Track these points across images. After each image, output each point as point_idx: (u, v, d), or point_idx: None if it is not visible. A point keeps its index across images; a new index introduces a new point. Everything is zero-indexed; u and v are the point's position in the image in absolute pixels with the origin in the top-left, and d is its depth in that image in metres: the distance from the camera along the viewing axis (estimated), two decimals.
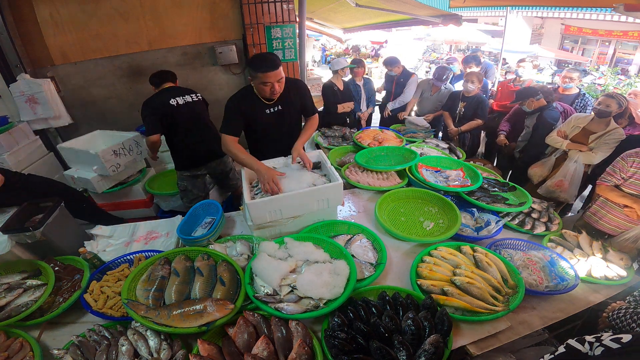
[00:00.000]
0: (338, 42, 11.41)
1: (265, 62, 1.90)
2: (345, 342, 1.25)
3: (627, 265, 1.78)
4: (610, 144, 2.52)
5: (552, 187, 2.70)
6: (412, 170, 2.46)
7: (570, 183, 2.65)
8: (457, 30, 11.72)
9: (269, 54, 2.02)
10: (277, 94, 2.03)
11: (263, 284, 1.51)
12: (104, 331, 1.38)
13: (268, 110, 2.14)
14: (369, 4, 4.88)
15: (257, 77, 1.93)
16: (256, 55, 2.05)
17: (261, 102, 2.10)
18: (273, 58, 1.92)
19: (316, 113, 2.34)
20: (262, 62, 1.91)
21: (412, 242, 1.92)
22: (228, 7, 3.49)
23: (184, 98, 2.64)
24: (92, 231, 2.06)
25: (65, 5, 3.18)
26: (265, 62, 1.90)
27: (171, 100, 2.57)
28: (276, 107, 2.15)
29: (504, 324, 1.44)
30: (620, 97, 2.57)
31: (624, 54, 13.10)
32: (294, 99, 2.20)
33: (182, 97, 2.63)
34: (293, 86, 2.19)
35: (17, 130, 3.04)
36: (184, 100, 2.64)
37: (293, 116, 2.26)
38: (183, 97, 2.64)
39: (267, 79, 1.92)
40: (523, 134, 3.28)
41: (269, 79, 1.92)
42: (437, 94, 4.23)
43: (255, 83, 2.00)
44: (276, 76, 1.93)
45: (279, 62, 1.92)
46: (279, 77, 1.94)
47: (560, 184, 2.66)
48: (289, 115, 2.22)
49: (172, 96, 2.59)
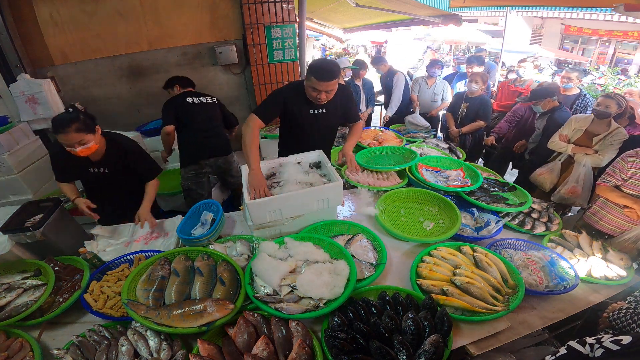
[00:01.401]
0: (338, 42, 11.40)
1: (323, 70, 1.90)
2: (345, 342, 1.25)
3: (627, 265, 1.78)
4: (615, 145, 2.50)
5: (566, 195, 2.65)
6: (412, 170, 2.45)
7: (582, 187, 2.62)
8: (457, 30, 11.70)
9: (332, 63, 2.01)
10: (322, 102, 2.03)
11: (263, 284, 1.51)
12: (104, 331, 1.38)
13: (312, 111, 2.15)
14: (369, 4, 4.88)
15: (311, 80, 1.94)
16: (320, 59, 2.08)
17: (308, 101, 2.10)
18: (333, 69, 1.91)
19: (360, 120, 2.36)
20: (320, 69, 1.90)
21: (412, 242, 1.92)
22: (228, 7, 3.49)
23: (200, 99, 2.87)
24: (92, 231, 2.06)
25: (65, 5, 3.18)
26: (323, 70, 1.90)
27: (188, 99, 2.81)
28: (321, 110, 2.16)
29: (504, 324, 1.44)
30: (619, 97, 2.56)
31: (624, 54, 13.10)
32: (339, 104, 2.20)
33: (198, 97, 2.86)
34: (340, 91, 2.17)
35: (17, 130, 3.03)
36: (199, 100, 2.86)
37: (334, 120, 2.29)
38: (199, 98, 2.87)
39: (319, 86, 1.93)
40: (534, 135, 3.25)
41: (320, 87, 1.93)
42: (433, 86, 4.24)
43: (307, 84, 2.00)
44: (328, 87, 1.93)
45: (336, 75, 1.92)
46: (330, 88, 1.95)
47: (574, 191, 2.61)
48: (331, 118, 2.24)
49: (189, 96, 2.84)
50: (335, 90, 2.02)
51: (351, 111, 2.29)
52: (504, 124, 3.55)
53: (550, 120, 3.04)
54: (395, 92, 4.23)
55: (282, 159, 2.16)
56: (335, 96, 2.11)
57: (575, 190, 2.60)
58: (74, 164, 2.00)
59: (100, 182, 2.14)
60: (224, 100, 4.02)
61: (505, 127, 3.54)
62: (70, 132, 1.75)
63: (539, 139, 3.17)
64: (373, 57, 4.71)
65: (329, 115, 2.20)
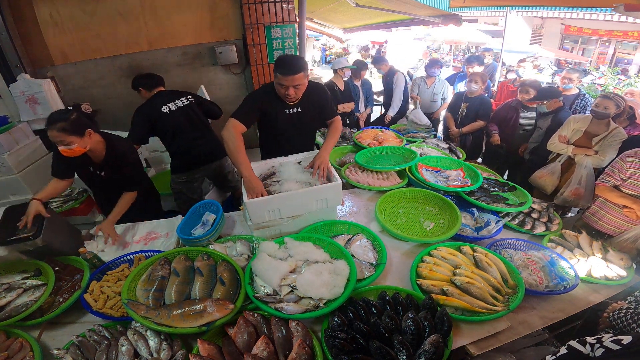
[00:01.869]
0: (338, 42, 11.41)
1: (286, 64, 1.89)
2: (345, 342, 1.25)
3: (627, 265, 1.78)
4: (615, 145, 2.49)
5: (570, 197, 2.62)
6: (412, 170, 2.45)
7: (585, 189, 2.59)
8: (457, 30, 11.71)
9: (296, 57, 2.00)
10: (291, 98, 2.01)
11: (263, 284, 1.51)
12: (104, 331, 1.38)
13: (287, 111, 2.13)
14: (369, 4, 4.88)
15: (277, 76, 1.93)
16: (283, 55, 2.07)
17: (282, 101, 2.09)
18: (295, 63, 1.90)
19: (337, 115, 2.31)
20: (283, 64, 1.90)
21: (412, 242, 1.92)
22: (228, 7, 3.50)
23: (176, 103, 2.61)
24: (92, 231, 2.06)
25: (65, 5, 3.19)
26: (285, 64, 1.89)
27: (163, 108, 2.54)
28: (296, 109, 2.14)
29: (504, 324, 1.44)
30: (618, 97, 2.55)
31: (624, 54, 13.10)
32: (315, 103, 2.18)
33: (173, 102, 2.60)
34: (314, 90, 2.17)
35: (17, 130, 3.03)
36: (175, 106, 2.60)
37: (312, 119, 2.25)
38: (174, 103, 2.60)
39: (283, 81, 1.91)
40: (535, 135, 3.23)
41: (285, 82, 1.91)
42: (432, 86, 4.24)
43: (275, 82, 1.99)
44: (293, 81, 1.91)
45: (300, 68, 1.89)
46: (296, 82, 1.92)
47: (577, 192, 2.58)
48: (308, 117, 2.20)
49: (164, 102, 2.56)
50: (303, 85, 1.98)
51: (326, 108, 2.24)
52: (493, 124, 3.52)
53: (555, 120, 3.02)
54: (396, 92, 4.23)
55: (282, 159, 2.16)
56: (309, 95, 2.11)
57: (579, 191, 2.59)
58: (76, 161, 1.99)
59: (99, 184, 2.15)
60: (224, 100, 4.03)
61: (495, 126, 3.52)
62: (53, 130, 1.76)
63: (541, 139, 3.14)
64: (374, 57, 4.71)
65: (305, 114, 2.17)
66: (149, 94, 2.66)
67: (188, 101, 2.69)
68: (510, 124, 3.39)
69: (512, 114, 3.37)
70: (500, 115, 3.47)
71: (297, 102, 2.11)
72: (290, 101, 2.06)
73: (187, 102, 2.68)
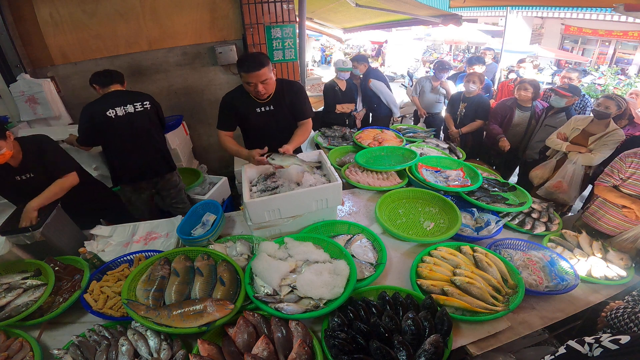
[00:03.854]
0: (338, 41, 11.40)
1: (248, 62, 1.90)
2: (345, 342, 1.25)
3: (627, 265, 1.78)
4: (609, 145, 2.51)
5: (550, 189, 2.69)
6: (412, 170, 2.46)
7: (569, 184, 2.63)
8: (457, 30, 11.71)
9: (256, 54, 2.01)
10: (261, 94, 2.02)
11: (263, 284, 1.51)
12: (104, 331, 1.38)
13: (259, 109, 2.15)
14: (369, 4, 4.88)
15: (242, 75, 1.95)
16: (244, 54, 2.08)
17: (253, 100, 2.10)
18: (257, 59, 1.90)
19: (309, 118, 2.26)
20: (244, 62, 1.91)
21: (412, 242, 1.92)
22: (228, 7, 3.49)
23: (125, 108, 2.36)
24: (92, 231, 2.06)
25: (65, 5, 3.18)
26: (247, 61, 1.90)
27: (109, 112, 2.31)
28: (268, 107, 2.15)
29: (504, 324, 1.44)
30: (620, 98, 2.56)
31: (624, 54, 13.09)
32: (287, 100, 2.16)
33: (123, 107, 2.35)
34: (287, 87, 2.16)
35: (17, 130, 3.03)
36: (124, 111, 2.36)
37: (285, 117, 2.21)
38: (124, 107, 2.36)
39: (249, 79, 1.92)
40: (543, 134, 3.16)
41: (251, 79, 1.92)
42: (437, 87, 4.24)
43: (242, 82, 2.02)
44: (258, 77, 1.91)
45: (263, 64, 1.89)
46: (262, 78, 1.92)
47: (559, 185, 2.64)
48: (280, 115, 2.18)
49: (112, 106, 2.33)
50: (271, 79, 1.99)
51: (297, 107, 2.18)
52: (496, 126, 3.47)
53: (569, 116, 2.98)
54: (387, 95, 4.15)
55: None
56: (281, 91, 2.12)
57: (561, 185, 2.61)
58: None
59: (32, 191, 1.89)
60: None
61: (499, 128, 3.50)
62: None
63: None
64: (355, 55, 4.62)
65: (278, 112, 2.16)
66: (102, 92, 2.41)
67: (142, 107, 2.44)
68: (504, 122, 3.38)
69: (507, 112, 3.36)
70: (496, 113, 3.47)
71: (269, 100, 2.11)
72: (262, 97, 2.07)
73: (140, 108, 2.43)
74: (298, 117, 2.24)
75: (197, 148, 4.31)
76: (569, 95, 2.96)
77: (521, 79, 3.62)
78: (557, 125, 2.99)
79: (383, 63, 14.54)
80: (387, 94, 4.12)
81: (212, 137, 4.34)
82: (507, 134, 3.35)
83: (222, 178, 3.44)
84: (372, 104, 4.23)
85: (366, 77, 4.14)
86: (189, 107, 3.98)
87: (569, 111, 3.04)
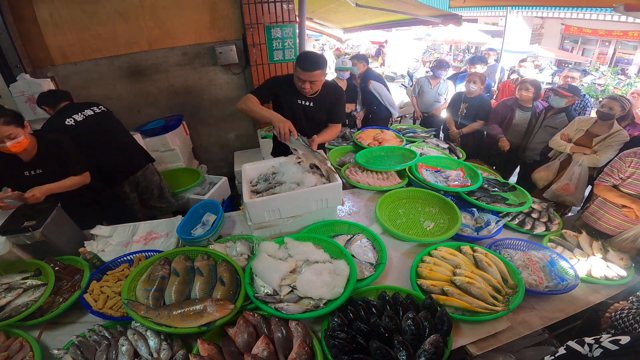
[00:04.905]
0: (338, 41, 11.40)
1: (307, 60, 2.00)
2: (345, 342, 1.25)
3: (627, 265, 1.78)
4: (614, 146, 2.50)
5: (557, 191, 2.65)
6: (412, 170, 2.46)
7: (576, 186, 2.60)
8: (457, 30, 11.72)
9: (318, 55, 2.09)
10: (307, 91, 2.12)
11: (263, 284, 1.51)
12: (104, 331, 1.38)
13: (300, 102, 2.23)
14: (369, 4, 4.88)
15: (297, 70, 2.05)
16: (306, 51, 2.18)
17: (297, 92, 2.19)
18: (316, 60, 2.00)
19: (340, 123, 2.40)
20: (304, 60, 2.00)
21: (412, 242, 1.92)
22: (228, 7, 3.50)
23: (83, 113, 2.37)
24: (92, 231, 2.06)
25: (65, 5, 3.19)
26: (306, 60, 2.00)
27: (67, 121, 2.29)
28: (308, 102, 2.24)
29: (504, 324, 1.44)
30: (624, 99, 2.55)
31: (624, 54, 13.10)
32: (327, 101, 2.27)
33: (80, 113, 2.36)
34: (332, 91, 2.28)
35: None
36: (83, 116, 2.36)
37: (320, 116, 2.32)
38: (82, 113, 2.37)
39: (302, 75, 2.03)
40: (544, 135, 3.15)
41: (304, 77, 2.03)
42: (437, 86, 4.24)
43: (295, 75, 2.10)
44: (311, 77, 2.02)
45: (319, 66, 2.00)
46: (313, 79, 2.03)
47: (567, 188, 2.61)
48: (316, 113, 2.28)
49: (67, 115, 2.31)
50: (320, 82, 2.11)
51: (335, 111, 2.33)
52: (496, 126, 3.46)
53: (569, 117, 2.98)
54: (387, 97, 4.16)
55: (282, 159, 2.16)
56: (324, 93, 2.23)
57: (568, 187, 2.60)
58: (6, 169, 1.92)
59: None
60: (224, 100, 4.04)
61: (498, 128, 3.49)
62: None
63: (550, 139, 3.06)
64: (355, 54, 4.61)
65: (316, 109, 2.26)
66: (53, 111, 2.42)
67: (100, 109, 2.52)
68: (504, 121, 3.38)
69: (507, 112, 3.36)
70: (497, 113, 3.46)
71: (312, 97, 2.22)
72: (305, 94, 2.16)
73: (98, 110, 2.50)
74: (332, 119, 2.36)
75: (197, 148, 4.32)
76: (569, 95, 2.94)
77: (522, 79, 3.62)
78: (557, 125, 2.98)
79: (383, 63, 14.53)
80: (386, 95, 4.13)
81: (212, 137, 4.35)
82: (508, 134, 3.34)
83: (222, 178, 3.44)
84: (372, 105, 4.24)
85: (366, 79, 4.15)
86: (189, 107, 3.99)
87: (569, 112, 3.03)
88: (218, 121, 4.23)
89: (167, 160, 3.69)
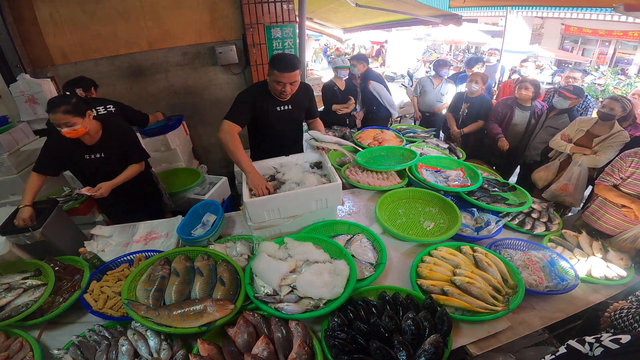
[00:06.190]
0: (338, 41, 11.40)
1: (283, 62, 1.96)
2: (345, 342, 1.25)
3: (627, 265, 1.78)
4: (614, 147, 2.49)
5: (557, 191, 2.65)
6: (412, 170, 2.46)
7: (575, 187, 2.60)
8: (457, 30, 11.71)
9: (291, 55, 2.06)
10: (287, 95, 2.09)
11: (263, 284, 1.51)
12: (104, 331, 1.38)
13: (279, 108, 2.20)
14: (369, 4, 4.88)
15: (273, 74, 1.99)
16: (279, 53, 2.12)
17: (274, 98, 2.16)
18: (293, 61, 1.97)
19: (317, 116, 2.46)
20: (280, 62, 1.96)
21: (412, 242, 1.92)
22: (228, 7, 3.49)
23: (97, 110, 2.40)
24: (92, 231, 2.06)
25: (65, 5, 3.18)
26: (283, 62, 1.96)
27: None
28: (287, 106, 2.22)
29: (504, 324, 1.44)
30: (625, 100, 2.54)
31: (624, 54, 13.09)
32: (303, 101, 2.29)
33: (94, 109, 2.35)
34: (303, 89, 2.26)
35: (17, 130, 3.03)
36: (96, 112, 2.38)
37: (300, 117, 2.36)
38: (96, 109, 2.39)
39: (281, 78, 1.98)
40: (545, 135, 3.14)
41: (283, 79, 1.98)
42: (439, 86, 4.24)
43: (270, 79, 2.05)
44: (290, 78, 1.98)
45: (297, 66, 1.98)
46: (293, 79, 2.00)
47: (565, 188, 2.61)
48: (297, 115, 2.30)
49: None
50: (298, 82, 2.07)
51: (312, 107, 2.39)
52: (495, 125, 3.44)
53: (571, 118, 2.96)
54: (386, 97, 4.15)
55: (282, 159, 2.17)
56: (299, 94, 2.20)
57: (567, 187, 2.59)
58: (68, 152, 2.01)
59: (97, 171, 2.08)
60: (224, 100, 4.03)
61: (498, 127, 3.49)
62: (57, 113, 1.84)
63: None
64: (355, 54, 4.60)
65: (294, 111, 2.27)
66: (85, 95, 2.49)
67: (106, 111, 2.54)
68: (504, 121, 3.37)
69: (507, 111, 3.35)
70: (497, 112, 3.46)
71: (288, 100, 2.19)
72: (284, 98, 2.13)
73: (104, 111, 2.52)
74: (311, 116, 2.42)
75: (197, 148, 4.31)
76: (573, 97, 2.93)
77: (522, 79, 3.62)
78: (559, 126, 2.97)
79: (383, 63, 14.53)
80: (386, 95, 4.12)
81: (212, 137, 4.34)
82: (507, 134, 3.34)
83: (222, 178, 3.44)
84: (372, 105, 4.24)
85: (366, 79, 4.14)
86: (189, 107, 3.98)
87: (571, 112, 3.03)
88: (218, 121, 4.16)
89: (167, 160, 3.68)
